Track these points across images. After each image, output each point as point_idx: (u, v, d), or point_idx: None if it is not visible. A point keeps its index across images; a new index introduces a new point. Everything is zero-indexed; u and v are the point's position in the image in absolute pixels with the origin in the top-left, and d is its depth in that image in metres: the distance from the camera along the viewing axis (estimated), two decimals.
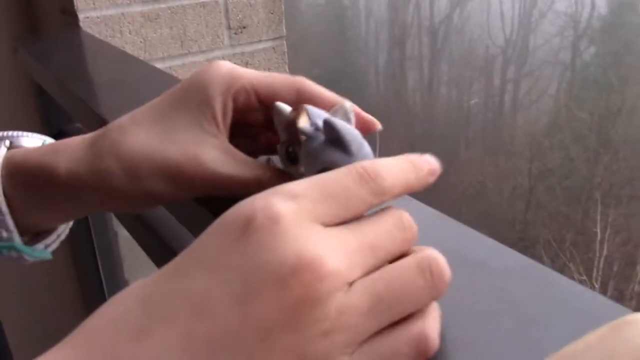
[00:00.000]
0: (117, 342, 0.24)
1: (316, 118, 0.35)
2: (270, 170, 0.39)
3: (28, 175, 0.42)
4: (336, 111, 0.36)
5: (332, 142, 0.32)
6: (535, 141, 13.28)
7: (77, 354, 0.24)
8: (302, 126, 0.34)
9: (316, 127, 0.34)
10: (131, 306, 0.25)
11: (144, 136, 0.39)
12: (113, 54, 0.94)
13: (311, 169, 0.33)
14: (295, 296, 0.24)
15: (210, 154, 0.39)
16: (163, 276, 0.26)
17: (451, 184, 12.86)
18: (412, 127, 14.86)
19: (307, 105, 0.35)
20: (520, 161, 13.14)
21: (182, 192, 0.40)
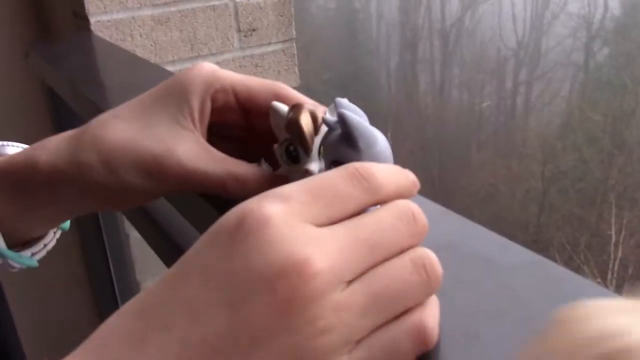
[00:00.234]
0: (119, 353, 0.25)
1: (333, 113, 0.35)
2: (246, 167, 0.40)
3: (12, 175, 0.42)
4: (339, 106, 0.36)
5: (344, 136, 0.33)
6: (548, 143, 13.18)
7: None
8: (327, 117, 0.34)
9: (335, 121, 0.34)
10: (131, 317, 0.26)
11: (122, 130, 0.40)
12: (124, 57, 0.95)
13: (326, 161, 0.34)
14: (284, 298, 0.24)
15: (185, 148, 0.39)
16: (160, 286, 0.27)
17: (463, 187, 12.80)
18: (424, 130, 14.81)
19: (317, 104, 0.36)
20: (533, 164, 13.05)
21: (158, 186, 0.41)
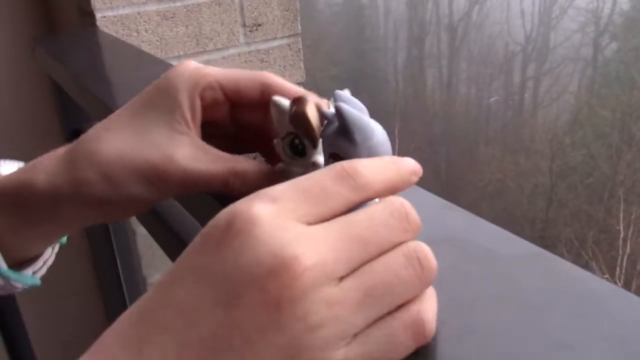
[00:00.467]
0: (121, 357, 0.25)
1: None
2: (246, 162, 0.39)
3: (8, 197, 0.42)
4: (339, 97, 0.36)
5: (341, 129, 0.32)
6: (556, 139, 13.13)
7: None
8: (325, 110, 0.34)
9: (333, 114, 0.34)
10: (131, 322, 0.26)
11: (117, 141, 0.40)
12: (130, 52, 0.95)
13: (324, 154, 0.34)
14: (274, 296, 0.24)
15: (183, 151, 0.39)
16: (157, 289, 0.27)
17: (471, 182, 12.77)
18: (431, 126, 14.78)
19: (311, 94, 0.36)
20: (541, 159, 13.00)
21: (161, 194, 0.40)
